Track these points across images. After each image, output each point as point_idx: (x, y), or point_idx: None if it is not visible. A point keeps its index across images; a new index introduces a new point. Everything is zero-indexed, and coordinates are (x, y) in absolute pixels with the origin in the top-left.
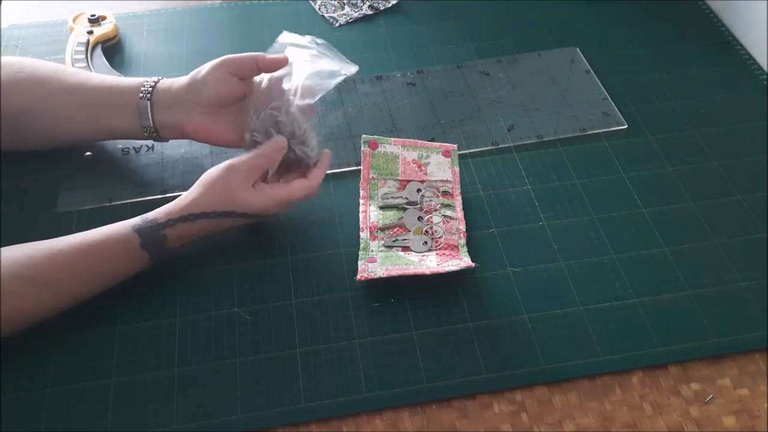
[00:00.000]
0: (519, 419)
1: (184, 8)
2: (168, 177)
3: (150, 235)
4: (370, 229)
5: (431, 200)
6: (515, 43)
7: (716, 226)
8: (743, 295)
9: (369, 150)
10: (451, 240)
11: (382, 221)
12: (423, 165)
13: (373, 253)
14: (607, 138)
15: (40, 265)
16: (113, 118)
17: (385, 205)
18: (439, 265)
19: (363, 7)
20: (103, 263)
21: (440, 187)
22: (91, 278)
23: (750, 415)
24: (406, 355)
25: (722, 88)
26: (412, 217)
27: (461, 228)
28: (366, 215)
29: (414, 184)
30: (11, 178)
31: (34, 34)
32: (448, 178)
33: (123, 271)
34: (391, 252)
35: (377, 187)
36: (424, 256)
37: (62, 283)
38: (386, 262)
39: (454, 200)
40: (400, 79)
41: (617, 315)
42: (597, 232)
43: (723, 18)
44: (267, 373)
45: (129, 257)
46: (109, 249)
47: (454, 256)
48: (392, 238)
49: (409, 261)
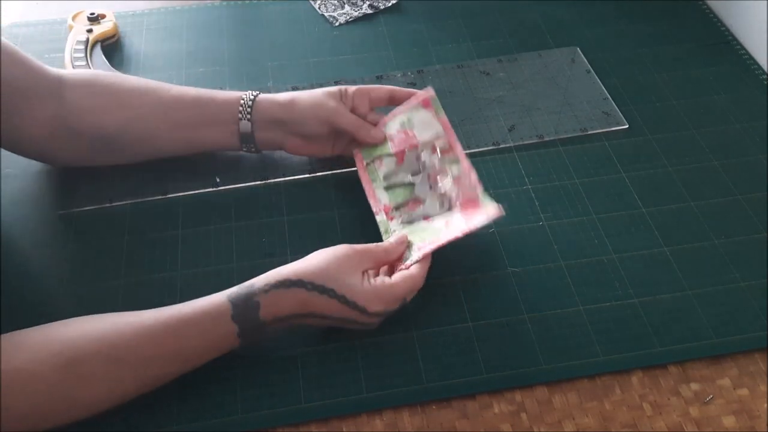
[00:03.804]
0: (519, 419)
1: (184, 7)
2: (169, 177)
3: (244, 303)
4: (384, 210)
5: (434, 164)
6: (515, 43)
7: (716, 226)
8: (743, 295)
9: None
10: (470, 194)
11: (393, 200)
12: (409, 130)
13: (396, 233)
14: (608, 138)
15: (127, 344)
16: (211, 133)
17: (390, 186)
18: (468, 223)
19: (363, 6)
20: (192, 339)
21: (436, 144)
22: (179, 358)
23: (750, 415)
24: (406, 355)
25: (722, 88)
26: (423, 188)
27: (473, 178)
28: (375, 199)
29: (411, 153)
30: (11, 178)
31: (34, 32)
32: (438, 131)
33: (210, 349)
34: (414, 226)
35: (376, 169)
36: (447, 219)
37: (148, 364)
38: (415, 239)
39: (455, 153)
40: (401, 79)
41: (617, 315)
42: (597, 232)
43: (723, 18)
44: (267, 373)
45: (219, 331)
46: (199, 322)
47: (477, 209)
48: (408, 214)
49: (436, 229)
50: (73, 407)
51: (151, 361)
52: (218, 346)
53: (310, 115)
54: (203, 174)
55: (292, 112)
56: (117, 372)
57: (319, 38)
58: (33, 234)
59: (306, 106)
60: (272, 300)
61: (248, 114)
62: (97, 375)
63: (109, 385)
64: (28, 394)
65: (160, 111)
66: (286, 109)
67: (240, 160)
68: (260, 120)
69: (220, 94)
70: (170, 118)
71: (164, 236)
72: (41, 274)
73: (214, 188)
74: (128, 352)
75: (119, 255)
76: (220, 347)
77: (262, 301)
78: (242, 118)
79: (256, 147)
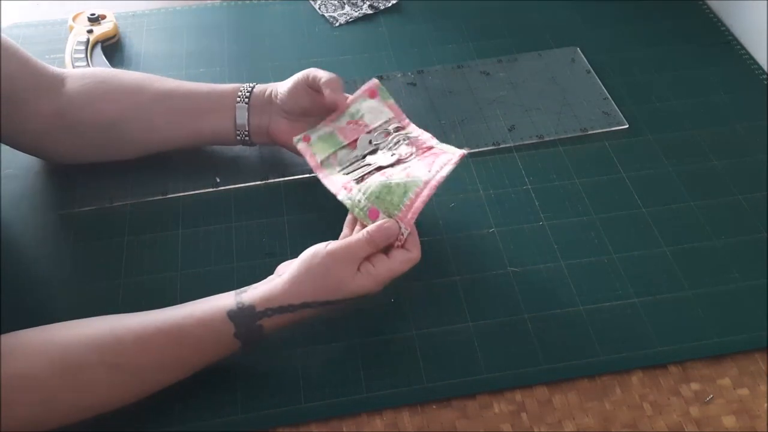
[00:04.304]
0: (519, 419)
1: (184, 7)
2: (169, 177)
3: (246, 325)
4: (344, 188)
5: (387, 142)
6: (515, 43)
7: (716, 226)
8: (743, 295)
9: (305, 144)
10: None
11: (352, 178)
12: (360, 120)
13: (364, 204)
14: (608, 138)
15: (126, 350)
16: (209, 121)
17: (346, 170)
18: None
19: (363, 6)
20: (193, 351)
21: (389, 128)
22: (178, 365)
23: (750, 415)
24: (407, 355)
25: (722, 88)
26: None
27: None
28: (333, 182)
29: (363, 138)
30: (11, 178)
31: (34, 33)
32: (388, 116)
33: (211, 359)
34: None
35: (332, 164)
36: (405, 169)
37: (148, 370)
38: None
39: (408, 128)
40: (401, 79)
41: (617, 315)
42: (597, 232)
43: (723, 18)
44: (267, 373)
45: (221, 346)
46: (200, 337)
47: (436, 154)
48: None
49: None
50: (73, 412)
51: (151, 369)
52: (219, 355)
53: (291, 82)
54: (203, 174)
55: (282, 86)
56: (116, 378)
57: (319, 38)
58: (33, 234)
59: (290, 80)
60: (276, 321)
61: (246, 98)
62: (97, 381)
63: (108, 390)
64: (27, 400)
65: (158, 99)
66: (278, 89)
67: (240, 160)
68: (255, 104)
69: (218, 85)
70: (168, 106)
71: (164, 236)
72: (41, 274)
73: (214, 188)
74: (127, 360)
75: (119, 255)
76: (222, 355)
77: (265, 324)
78: (240, 101)
79: (249, 135)
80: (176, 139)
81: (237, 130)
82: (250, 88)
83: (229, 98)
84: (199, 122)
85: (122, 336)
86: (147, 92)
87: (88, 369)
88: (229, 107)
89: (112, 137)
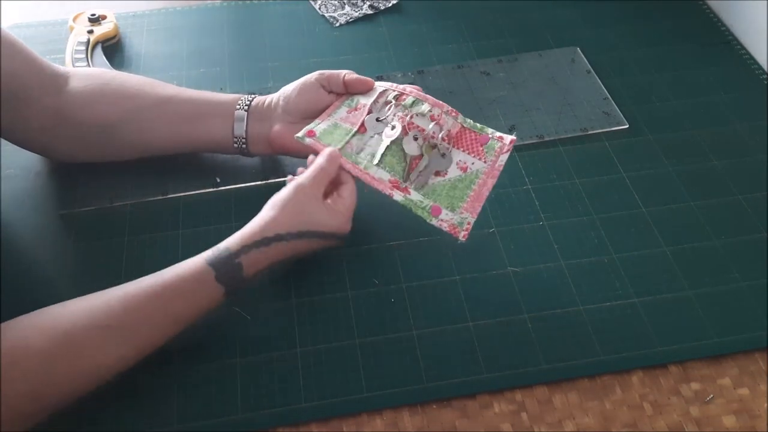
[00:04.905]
0: (519, 419)
1: (184, 8)
2: (169, 177)
3: (225, 266)
4: (394, 187)
5: (396, 114)
6: (515, 43)
7: (716, 226)
8: (743, 295)
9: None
10: (454, 127)
11: (393, 173)
12: (357, 106)
13: (426, 203)
14: (608, 138)
15: (114, 311)
16: (207, 128)
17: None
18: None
19: (363, 6)
20: (178, 302)
21: (387, 98)
22: (167, 320)
23: (750, 414)
24: (406, 355)
25: (722, 88)
26: (410, 145)
27: (446, 109)
28: (377, 181)
29: (369, 119)
30: (12, 178)
31: (35, 33)
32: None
33: (198, 310)
34: (433, 188)
35: (350, 153)
36: (458, 166)
37: (138, 327)
38: (452, 202)
39: (410, 94)
40: (401, 79)
41: (617, 315)
42: (597, 232)
43: (723, 18)
44: (267, 373)
45: (204, 293)
46: (183, 287)
47: (478, 141)
48: (416, 174)
49: (461, 181)
50: (74, 378)
51: (141, 326)
52: (206, 305)
53: (300, 82)
54: (203, 174)
55: (286, 88)
56: (108, 339)
57: (319, 39)
58: (34, 234)
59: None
60: (254, 258)
61: (246, 106)
62: (90, 343)
63: (102, 352)
64: (25, 370)
65: (159, 104)
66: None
67: (240, 160)
68: (254, 113)
69: (219, 94)
70: (168, 110)
71: (164, 236)
72: (42, 274)
73: (214, 188)
74: (117, 319)
75: (119, 255)
76: (208, 305)
77: (243, 262)
78: (239, 109)
79: (247, 143)
80: (175, 145)
81: (234, 137)
82: (251, 98)
83: (229, 106)
84: (197, 128)
85: (109, 299)
86: (148, 96)
87: (80, 332)
88: (228, 114)
89: (111, 139)
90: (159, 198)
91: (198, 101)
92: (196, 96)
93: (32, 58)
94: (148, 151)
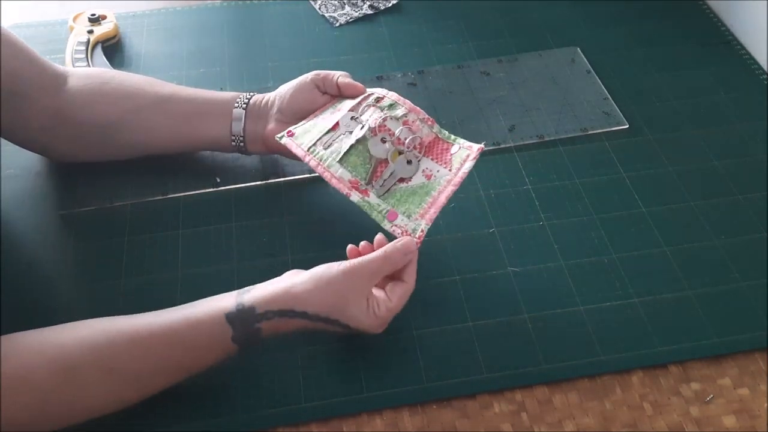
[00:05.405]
0: (519, 419)
1: (184, 8)
2: (169, 178)
3: (244, 328)
4: (353, 187)
5: (371, 114)
6: (515, 43)
7: (716, 226)
8: (743, 295)
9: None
10: (427, 136)
11: (355, 174)
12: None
13: (383, 207)
14: (608, 138)
15: (120, 356)
16: (206, 126)
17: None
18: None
19: (363, 6)
20: (189, 355)
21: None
22: (175, 371)
23: (750, 414)
24: (406, 355)
25: (722, 88)
26: (377, 147)
27: (422, 116)
28: (337, 179)
29: (345, 117)
30: (12, 179)
31: (35, 33)
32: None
33: (208, 363)
34: (397, 194)
35: (317, 151)
36: (424, 173)
37: (143, 374)
38: (408, 208)
39: (388, 96)
40: (401, 80)
41: (617, 315)
42: (597, 232)
43: (723, 18)
44: (267, 373)
45: (217, 349)
46: (196, 341)
47: (448, 150)
48: (380, 182)
49: (422, 188)
50: (69, 414)
51: (145, 373)
52: (216, 360)
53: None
54: (203, 174)
55: (281, 88)
56: (111, 381)
57: (319, 39)
58: (34, 234)
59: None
60: (274, 325)
61: (245, 105)
62: (92, 383)
63: (103, 392)
64: (23, 400)
65: (159, 102)
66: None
67: (240, 160)
68: (252, 111)
69: (218, 92)
70: (167, 109)
71: (164, 236)
72: (42, 274)
73: (214, 188)
74: (122, 363)
75: (119, 255)
76: (218, 361)
77: (263, 327)
78: (237, 107)
79: (245, 141)
80: (175, 143)
81: (232, 135)
82: (249, 96)
83: (227, 104)
84: (196, 127)
85: (114, 339)
86: (147, 96)
87: (83, 370)
88: (226, 113)
89: (111, 138)
90: (159, 198)
91: (197, 100)
92: (195, 95)
93: (33, 57)
94: (148, 150)
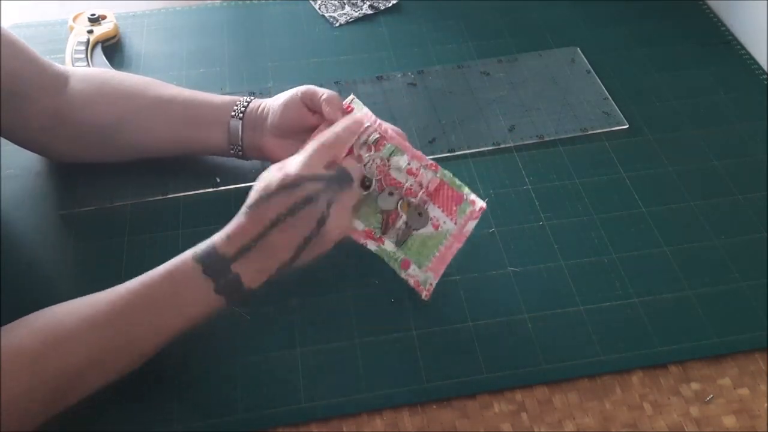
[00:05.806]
0: (519, 419)
1: (184, 8)
2: (169, 177)
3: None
4: (368, 237)
5: (374, 161)
6: (515, 43)
7: (716, 226)
8: (743, 295)
9: None
10: (432, 181)
11: (367, 224)
12: None
13: (398, 255)
14: (608, 138)
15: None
16: (204, 132)
17: None
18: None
19: (363, 6)
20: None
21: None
22: (157, 325)
23: (750, 414)
24: (406, 355)
25: (722, 88)
26: (385, 201)
27: (425, 162)
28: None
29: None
30: (12, 179)
31: (35, 33)
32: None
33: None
34: (408, 242)
35: None
36: (432, 223)
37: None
38: (419, 259)
39: (389, 140)
40: (401, 80)
41: (617, 315)
42: (597, 232)
43: (723, 18)
44: (267, 372)
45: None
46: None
47: (453, 198)
48: (395, 233)
49: (431, 239)
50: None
51: (130, 328)
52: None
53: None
54: (203, 174)
55: (274, 101)
56: (98, 340)
57: (319, 39)
58: (34, 234)
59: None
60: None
61: (241, 114)
62: (76, 339)
63: (90, 352)
64: (15, 370)
65: (157, 105)
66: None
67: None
68: (249, 120)
69: (217, 96)
70: (166, 113)
71: (164, 236)
72: (42, 274)
73: (214, 188)
74: (105, 319)
75: (119, 255)
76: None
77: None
78: (234, 117)
79: (243, 149)
80: (174, 146)
81: (230, 144)
82: (246, 102)
83: (225, 112)
84: (194, 133)
85: (98, 299)
86: (146, 97)
87: (67, 330)
88: (223, 121)
89: (111, 139)
90: (159, 198)
91: (195, 105)
92: (193, 99)
93: (33, 57)
94: (148, 151)
